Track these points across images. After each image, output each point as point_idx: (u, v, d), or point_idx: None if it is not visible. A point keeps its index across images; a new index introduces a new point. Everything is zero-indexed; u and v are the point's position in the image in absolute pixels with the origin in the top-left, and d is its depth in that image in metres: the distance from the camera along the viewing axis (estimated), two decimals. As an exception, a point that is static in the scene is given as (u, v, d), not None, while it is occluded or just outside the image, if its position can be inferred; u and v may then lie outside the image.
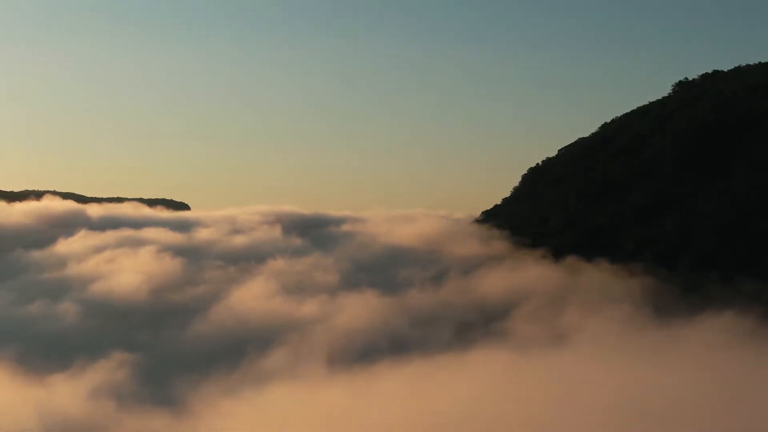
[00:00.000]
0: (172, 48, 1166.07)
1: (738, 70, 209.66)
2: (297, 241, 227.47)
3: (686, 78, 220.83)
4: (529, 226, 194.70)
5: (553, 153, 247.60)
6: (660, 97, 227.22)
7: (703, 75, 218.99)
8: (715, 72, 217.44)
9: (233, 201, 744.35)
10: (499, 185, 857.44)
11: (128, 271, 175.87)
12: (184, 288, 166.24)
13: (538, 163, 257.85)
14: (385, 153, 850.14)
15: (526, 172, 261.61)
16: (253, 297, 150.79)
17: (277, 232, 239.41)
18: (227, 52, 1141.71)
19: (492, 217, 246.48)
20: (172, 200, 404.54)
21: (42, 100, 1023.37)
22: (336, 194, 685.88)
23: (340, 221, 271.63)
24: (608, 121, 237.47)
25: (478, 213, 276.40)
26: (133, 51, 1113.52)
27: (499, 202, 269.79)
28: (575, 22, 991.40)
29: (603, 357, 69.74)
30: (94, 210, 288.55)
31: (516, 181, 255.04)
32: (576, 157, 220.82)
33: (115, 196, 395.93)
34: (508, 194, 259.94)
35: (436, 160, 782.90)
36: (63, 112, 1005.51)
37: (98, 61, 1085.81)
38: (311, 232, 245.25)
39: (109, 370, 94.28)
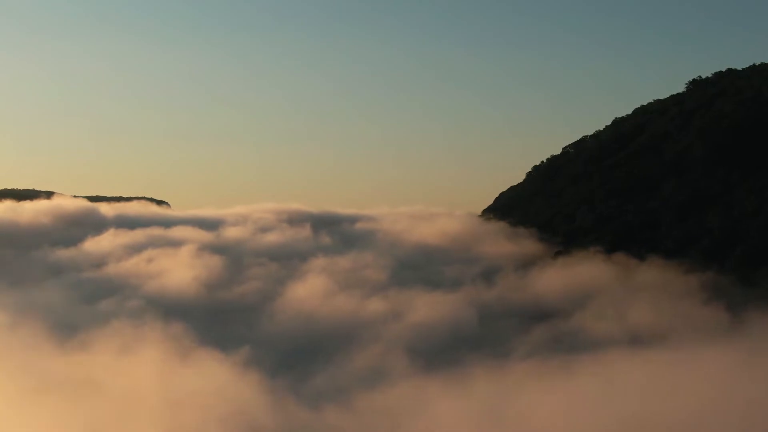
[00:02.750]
0: (167, 47, 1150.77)
1: (754, 69, 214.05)
2: (327, 239, 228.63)
3: (699, 76, 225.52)
4: (557, 224, 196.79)
5: (551, 151, 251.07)
6: (668, 95, 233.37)
7: (716, 73, 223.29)
8: (729, 70, 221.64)
9: (212, 199, 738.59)
10: (494, 183, 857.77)
11: (177, 269, 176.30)
12: (236, 286, 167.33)
13: (542, 161, 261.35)
14: (381, 151, 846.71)
15: (530, 169, 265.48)
16: (312, 295, 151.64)
17: (306, 230, 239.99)
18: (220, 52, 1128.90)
19: (505, 215, 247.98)
20: (152, 198, 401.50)
21: (31, 100, 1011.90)
22: (332, 192, 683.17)
23: (353, 219, 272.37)
24: (611, 120, 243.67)
25: (476, 209, 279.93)
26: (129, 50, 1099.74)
27: (492, 201, 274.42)
28: (568, 22, 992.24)
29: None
30: (105, 208, 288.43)
31: (512, 178, 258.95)
32: (592, 155, 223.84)
33: (94, 195, 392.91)
34: (498, 192, 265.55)
35: (431, 159, 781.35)
36: (54, 111, 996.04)
37: (95, 62, 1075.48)
38: (334, 230, 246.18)
39: (236, 364, 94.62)
